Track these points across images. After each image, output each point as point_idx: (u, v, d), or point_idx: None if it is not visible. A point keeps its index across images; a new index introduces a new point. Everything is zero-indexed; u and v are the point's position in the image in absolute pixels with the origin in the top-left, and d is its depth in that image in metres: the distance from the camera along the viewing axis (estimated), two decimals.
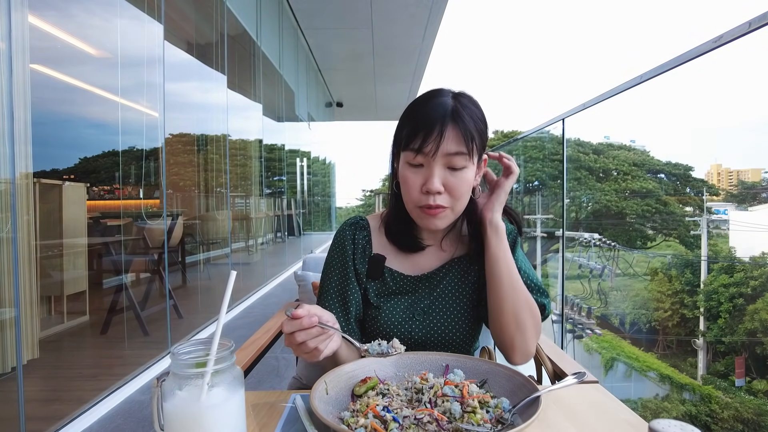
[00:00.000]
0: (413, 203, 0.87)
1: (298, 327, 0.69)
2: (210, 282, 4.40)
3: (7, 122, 1.78)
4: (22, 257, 1.97)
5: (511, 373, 0.72)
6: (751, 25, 1.43)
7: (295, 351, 0.72)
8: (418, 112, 0.86)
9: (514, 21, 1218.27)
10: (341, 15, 6.37)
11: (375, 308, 0.93)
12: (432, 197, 0.84)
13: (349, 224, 0.99)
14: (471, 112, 0.85)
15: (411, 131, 0.84)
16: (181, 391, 0.54)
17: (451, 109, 0.84)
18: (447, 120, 0.83)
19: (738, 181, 42.52)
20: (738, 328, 13.77)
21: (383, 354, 0.72)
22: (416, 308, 0.92)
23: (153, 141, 2.99)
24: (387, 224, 0.97)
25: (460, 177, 0.84)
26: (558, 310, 4.41)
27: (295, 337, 0.70)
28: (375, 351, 0.73)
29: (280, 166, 6.79)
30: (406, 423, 0.61)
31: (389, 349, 0.72)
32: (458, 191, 0.85)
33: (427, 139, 0.82)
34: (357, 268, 0.95)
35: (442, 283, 0.94)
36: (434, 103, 0.85)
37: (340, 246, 0.97)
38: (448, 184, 0.84)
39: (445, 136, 0.82)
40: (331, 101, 11.35)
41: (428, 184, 0.83)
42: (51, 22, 2.27)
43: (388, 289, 0.94)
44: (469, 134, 0.83)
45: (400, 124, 0.88)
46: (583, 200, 21.23)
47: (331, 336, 0.73)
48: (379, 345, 0.73)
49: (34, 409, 1.92)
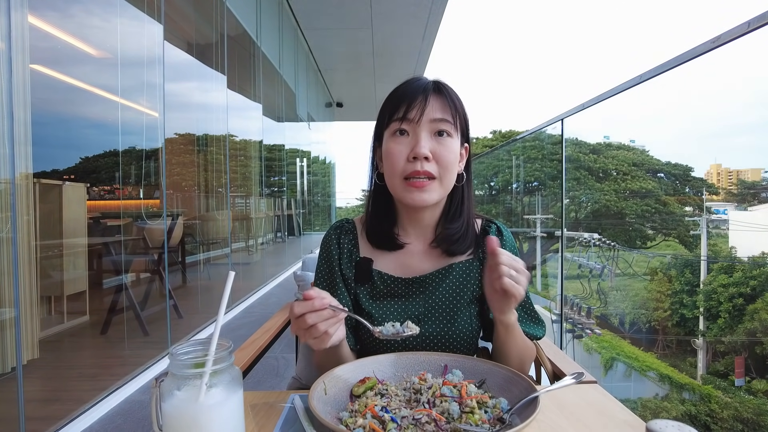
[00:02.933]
0: (399, 175, 0.84)
1: (309, 308, 0.66)
2: (210, 282, 4.40)
3: (7, 122, 1.78)
4: (22, 257, 1.97)
5: (510, 374, 0.73)
6: (750, 25, 1.43)
7: (303, 336, 0.69)
8: (398, 91, 0.88)
9: (514, 21, 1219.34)
10: (341, 15, 6.37)
11: (367, 315, 0.89)
12: (419, 163, 0.82)
13: (334, 228, 0.97)
14: (451, 90, 0.88)
15: (394, 105, 0.85)
16: (180, 392, 0.54)
17: (432, 83, 0.87)
18: (429, 91, 0.85)
19: (738, 180, 42.53)
20: (737, 328, 13.76)
21: (397, 334, 0.71)
22: (410, 315, 0.88)
23: (153, 141, 2.99)
24: (367, 222, 0.95)
25: (447, 145, 0.84)
26: (557, 310, 4.41)
27: (305, 319, 0.67)
28: (389, 332, 0.71)
29: (280, 166, 6.79)
30: (405, 423, 0.61)
31: (404, 329, 0.71)
32: (445, 159, 0.83)
33: (412, 105, 0.83)
34: (344, 274, 0.92)
35: (439, 290, 0.89)
36: (413, 81, 0.88)
37: (326, 252, 0.95)
38: (435, 151, 0.83)
39: (429, 102, 0.84)
40: (331, 101, 11.35)
41: (416, 149, 0.82)
42: (51, 22, 2.27)
43: (379, 292, 0.91)
44: (452, 103, 0.85)
45: (382, 109, 0.89)
46: (582, 200, 21.22)
47: (341, 320, 0.71)
48: (393, 326, 0.72)
49: (34, 409, 1.92)
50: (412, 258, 0.92)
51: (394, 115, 0.85)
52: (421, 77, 0.89)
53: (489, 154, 10.63)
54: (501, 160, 11.37)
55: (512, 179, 10.66)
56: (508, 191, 12.00)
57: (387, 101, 0.88)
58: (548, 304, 7.84)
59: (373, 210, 0.94)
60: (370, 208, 0.94)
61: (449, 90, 0.87)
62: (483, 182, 14.06)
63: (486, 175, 14.29)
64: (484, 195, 12.88)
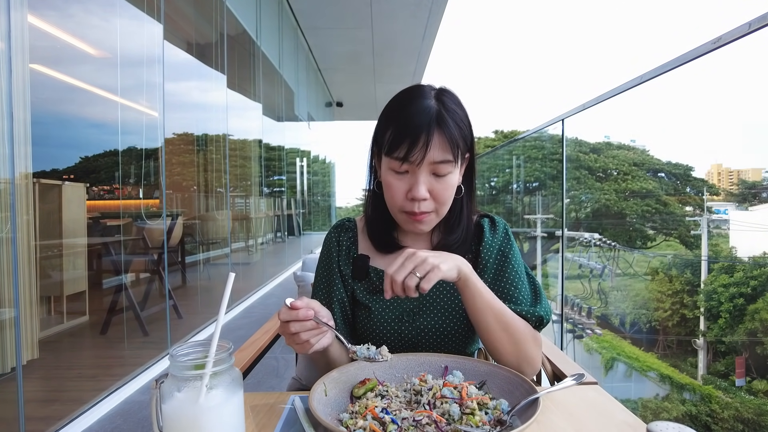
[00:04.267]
0: (398, 208, 0.86)
1: (293, 317, 0.70)
2: (210, 282, 4.40)
3: (6, 122, 1.78)
4: (22, 257, 1.96)
5: (510, 375, 0.73)
6: (751, 26, 1.43)
7: (287, 340, 0.73)
8: (401, 116, 0.83)
9: (515, 21, 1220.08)
10: (341, 15, 6.37)
11: (365, 308, 0.92)
12: (417, 204, 0.83)
13: (335, 227, 1.00)
14: (455, 116, 0.83)
15: (395, 138, 0.81)
16: (180, 393, 0.54)
17: (435, 114, 0.81)
18: (432, 127, 0.80)
19: (738, 180, 42.52)
20: (738, 328, 13.76)
21: (370, 359, 0.72)
22: (404, 309, 0.90)
23: (153, 141, 2.99)
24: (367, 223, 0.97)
25: (445, 182, 0.83)
26: (558, 310, 4.41)
27: (289, 327, 0.70)
28: (362, 355, 0.72)
29: (279, 165, 6.78)
30: (405, 425, 0.61)
31: (376, 356, 0.72)
32: (443, 196, 0.84)
33: (413, 148, 0.79)
34: (342, 271, 0.95)
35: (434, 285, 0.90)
36: (418, 107, 0.82)
37: (326, 250, 0.98)
38: (433, 190, 0.83)
39: (431, 145, 0.80)
40: (331, 101, 11.35)
41: (413, 192, 0.81)
42: (50, 21, 2.27)
43: (376, 287, 0.93)
44: (454, 141, 0.81)
45: (382, 125, 0.86)
46: (583, 200, 21.22)
47: (324, 332, 0.73)
48: (368, 349, 0.73)
49: (34, 410, 1.92)
50: None
51: (394, 150, 0.81)
52: (425, 96, 0.84)
53: (490, 154, 10.61)
54: (502, 159, 11.36)
55: (512, 179, 10.65)
56: (509, 191, 12.00)
57: (389, 120, 0.84)
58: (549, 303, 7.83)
59: (372, 215, 0.95)
60: (369, 213, 0.96)
61: (452, 118, 0.82)
62: (484, 182, 14.08)
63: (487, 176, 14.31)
64: (485, 195, 12.88)
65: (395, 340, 0.90)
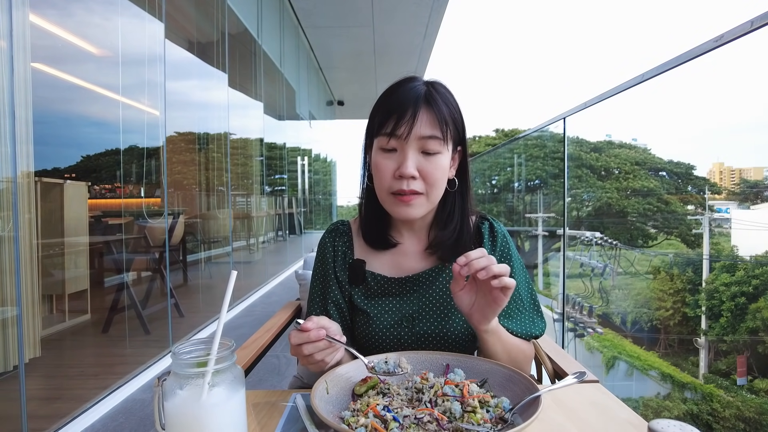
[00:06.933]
0: (386, 190, 0.85)
1: (305, 339, 0.68)
2: (211, 281, 4.40)
3: (8, 121, 1.78)
4: (24, 256, 1.97)
5: (512, 373, 0.72)
6: (752, 24, 1.42)
7: (301, 361, 0.72)
8: (390, 98, 0.84)
9: (516, 19, 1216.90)
10: (342, 13, 6.36)
11: (363, 313, 0.90)
12: (405, 182, 0.82)
13: (329, 231, 0.98)
14: (445, 98, 0.84)
15: (383, 116, 0.83)
16: (182, 391, 0.54)
17: (424, 93, 0.83)
18: (420, 103, 0.81)
19: (740, 179, 42.41)
20: (740, 327, 13.74)
21: (389, 373, 0.71)
22: (403, 314, 0.89)
23: (154, 139, 2.99)
24: (361, 221, 0.95)
25: (435, 162, 0.82)
26: (559, 309, 4.41)
27: (302, 349, 0.69)
28: (381, 369, 0.72)
29: (281, 164, 6.79)
30: (407, 422, 0.61)
31: (396, 369, 0.71)
32: (432, 176, 0.82)
33: (400, 121, 0.80)
34: (338, 276, 0.93)
35: (432, 289, 0.90)
36: (406, 88, 0.84)
37: (321, 255, 0.96)
38: (422, 169, 0.82)
39: (419, 119, 0.80)
40: (332, 99, 11.34)
41: (402, 168, 0.81)
42: (52, 20, 2.27)
43: (373, 292, 0.91)
44: (443, 118, 0.82)
45: (373, 112, 0.87)
46: (584, 198, 21.19)
47: (337, 349, 0.72)
48: (386, 363, 0.72)
49: (36, 408, 1.93)
50: (406, 258, 0.93)
51: (382, 128, 0.82)
52: (415, 80, 0.86)
53: (491, 153, 10.60)
54: (503, 158, 11.36)
55: (514, 177, 10.65)
56: (510, 189, 11.99)
57: (378, 106, 0.86)
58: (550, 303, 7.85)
59: (366, 211, 0.94)
60: (363, 210, 0.95)
61: (441, 99, 0.83)
62: (485, 181, 14.06)
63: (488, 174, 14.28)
64: (486, 194, 12.87)
65: (394, 346, 0.88)
